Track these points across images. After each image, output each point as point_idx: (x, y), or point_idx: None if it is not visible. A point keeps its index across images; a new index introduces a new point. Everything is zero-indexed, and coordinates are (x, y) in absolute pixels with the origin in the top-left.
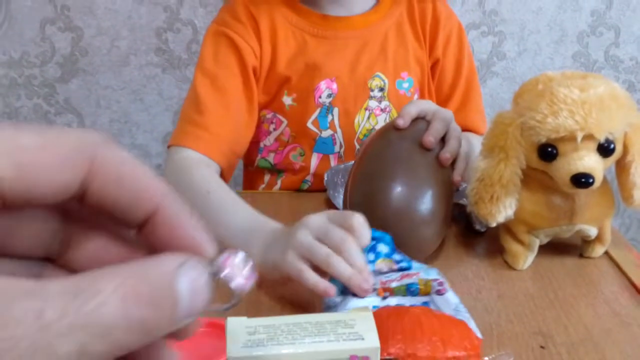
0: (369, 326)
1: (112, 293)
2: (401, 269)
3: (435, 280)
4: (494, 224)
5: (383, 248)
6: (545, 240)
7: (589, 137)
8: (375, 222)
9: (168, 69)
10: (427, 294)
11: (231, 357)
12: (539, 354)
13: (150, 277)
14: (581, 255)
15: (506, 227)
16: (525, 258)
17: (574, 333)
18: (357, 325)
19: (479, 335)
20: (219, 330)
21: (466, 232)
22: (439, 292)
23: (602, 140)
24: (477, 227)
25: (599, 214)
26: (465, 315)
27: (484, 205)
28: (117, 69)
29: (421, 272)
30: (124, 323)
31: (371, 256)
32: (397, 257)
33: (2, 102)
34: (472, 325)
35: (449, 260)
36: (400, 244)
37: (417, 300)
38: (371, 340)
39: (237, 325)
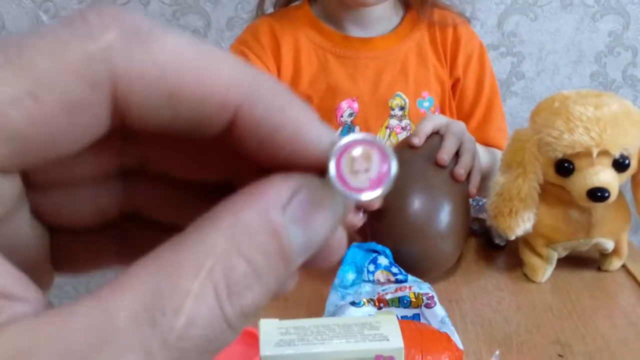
0: (394, 328)
1: (200, 291)
2: (397, 281)
3: (425, 294)
4: (512, 237)
5: (383, 260)
6: (563, 254)
7: (604, 152)
8: (394, 239)
9: None
10: (418, 306)
11: (264, 355)
12: None
13: (245, 246)
14: (599, 269)
15: (525, 241)
16: (544, 271)
17: (592, 342)
18: (382, 327)
19: (460, 347)
20: (249, 337)
21: (486, 246)
22: (428, 306)
23: (617, 155)
24: (497, 241)
25: (615, 228)
26: (450, 329)
27: (503, 219)
28: None
29: (414, 286)
30: (227, 318)
31: (372, 267)
32: (394, 270)
33: None
34: (455, 337)
35: (470, 273)
36: (420, 259)
37: (409, 312)
38: (396, 341)
39: (270, 327)
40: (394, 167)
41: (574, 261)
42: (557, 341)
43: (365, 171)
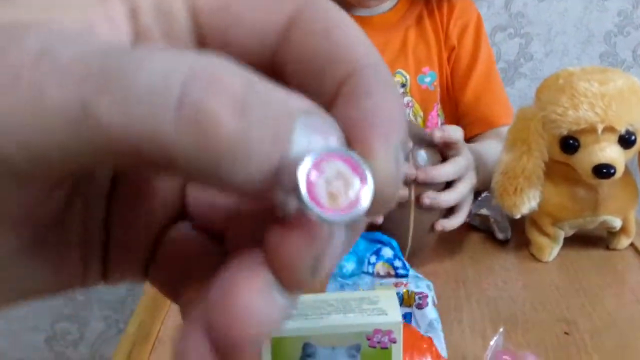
0: (392, 303)
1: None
2: (397, 275)
3: (419, 293)
4: (518, 216)
5: (387, 252)
6: (570, 232)
7: (609, 128)
8: None
9: None
10: (409, 305)
11: None
12: (563, 340)
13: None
14: (607, 248)
15: (531, 220)
16: (551, 250)
17: (598, 320)
18: (380, 302)
19: (444, 354)
20: None
21: (489, 240)
22: (419, 306)
23: (622, 131)
24: (500, 236)
25: (622, 205)
26: (438, 334)
27: (509, 197)
28: None
29: (412, 283)
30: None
31: (373, 258)
32: (397, 263)
33: None
34: (440, 342)
35: (476, 253)
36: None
37: (401, 310)
38: (394, 315)
39: None
40: (370, 181)
41: (581, 240)
42: (564, 319)
43: (341, 191)
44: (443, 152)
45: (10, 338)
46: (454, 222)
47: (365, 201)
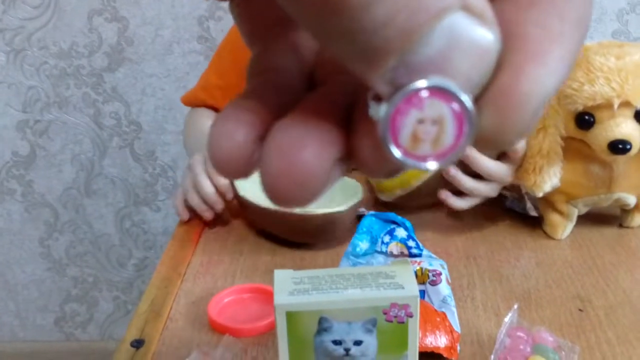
0: (409, 277)
1: None
2: (411, 255)
3: (433, 271)
4: (540, 194)
5: (401, 233)
6: (584, 210)
7: (625, 104)
8: None
9: (210, 57)
10: (423, 282)
11: (278, 304)
12: (577, 316)
13: None
14: (620, 225)
15: (545, 198)
16: (564, 228)
17: (612, 297)
18: (397, 276)
19: (457, 329)
20: (265, 295)
21: (501, 218)
22: (433, 283)
23: (639, 107)
24: (534, 213)
25: (637, 182)
26: (452, 310)
27: (528, 176)
28: (162, 58)
29: (425, 262)
30: None
31: (387, 238)
32: (411, 243)
33: (53, 92)
34: (454, 318)
35: (488, 231)
36: None
37: None
38: (411, 289)
39: (284, 277)
40: (467, 130)
41: (594, 218)
42: (577, 296)
43: (427, 139)
44: None
45: (20, 319)
46: (458, 203)
47: (440, 162)
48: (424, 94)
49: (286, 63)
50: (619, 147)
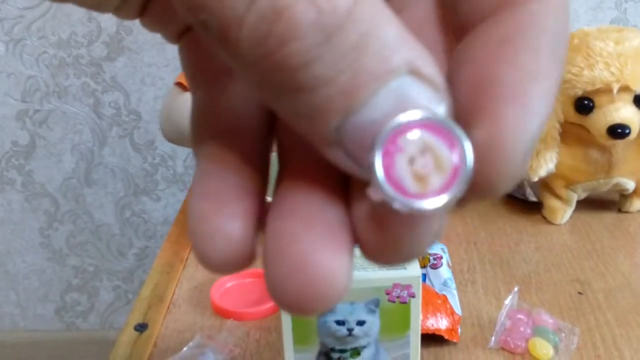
0: None
1: None
2: None
3: (434, 255)
4: (535, 179)
5: None
6: (583, 195)
7: (625, 88)
8: None
9: None
10: (424, 266)
11: None
12: (577, 300)
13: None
14: (619, 210)
15: (544, 183)
16: (564, 213)
17: (612, 280)
18: None
19: (458, 312)
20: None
21: (500, 203)
22: (434, 266)
23: (638, 91)
24: (534, 198)
25: (636, 167)
26: (452, 292)
27: None
28: (160, 47)
29: None
30: None
31: None
32: None
33: (53, 82)
34: (454, 301)
35: (487, 216)
36: None
37: None
38: (413, 269)
39: None
40: (468, 154)
41: (593, 203)
42: (577, 279)
43: (427, 169)
44: None
45: (21, 309)
46: None
47: (464, 180)
48: (393, 133)
49: (240, 109)
50: (618, 131)
